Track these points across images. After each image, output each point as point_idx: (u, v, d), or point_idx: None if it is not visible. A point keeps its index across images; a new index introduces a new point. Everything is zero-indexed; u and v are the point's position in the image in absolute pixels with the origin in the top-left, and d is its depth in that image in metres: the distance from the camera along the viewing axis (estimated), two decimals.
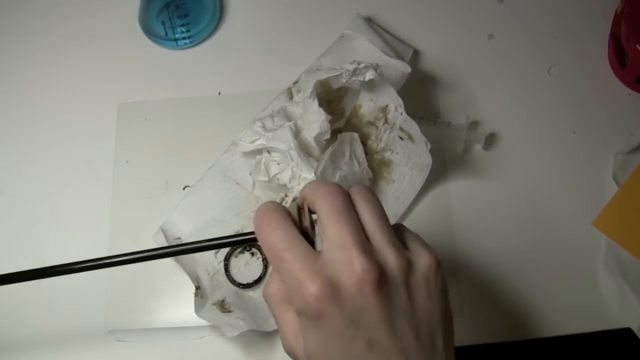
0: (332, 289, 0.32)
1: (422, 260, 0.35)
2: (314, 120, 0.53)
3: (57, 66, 0.66)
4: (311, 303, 0.32)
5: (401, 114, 0.55)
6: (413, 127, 0.54)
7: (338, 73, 0.53)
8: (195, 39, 0.65)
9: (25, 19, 0.68)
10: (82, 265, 0.42)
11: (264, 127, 0.55)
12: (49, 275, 0.43)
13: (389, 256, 0.34)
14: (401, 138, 0.56)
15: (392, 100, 0.56)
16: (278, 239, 0.34)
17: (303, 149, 0.53)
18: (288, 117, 0.56)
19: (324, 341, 0.33)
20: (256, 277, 0.55)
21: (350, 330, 0.32)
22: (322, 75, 0.53)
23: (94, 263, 0.42)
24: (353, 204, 0.36)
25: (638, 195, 0.56)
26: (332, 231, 0.34)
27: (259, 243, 0.36)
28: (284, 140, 0.53)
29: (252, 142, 0.55)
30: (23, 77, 0.66)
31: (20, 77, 0.66)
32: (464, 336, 0.53)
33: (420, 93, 0.62)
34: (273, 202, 0.36)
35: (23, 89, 0.65)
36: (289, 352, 0.36)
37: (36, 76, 0.66)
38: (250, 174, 0.57)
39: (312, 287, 0.32)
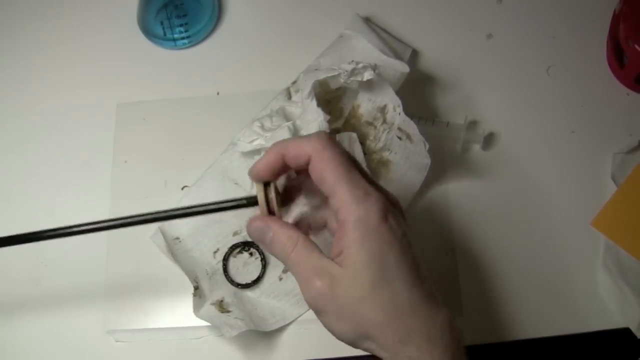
0: None
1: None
2: (313, 120, 0.53)
3: (55, 66, 0.66)
4: None
5: (399, 114, 0.55)
6: (411, 127, 0.54)
7: (336, 73, 0.53)
8: (194, 39, 0.65)
9: (23, 18, 0.68)
10: (82, 227, 0.43)
11: (262, 127, 0.55)
12: (46, 238, 0.45)
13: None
14: (399, 138, 0.56)
15: (390, 100, 0.56)
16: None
17: None
18: (287, 117, 0.56)
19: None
20: (255, 277, 0.55)
21: None
22: (321, 75, 0.53)
23: (93, 226, 0.43)
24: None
25: (637, 195, 0.56)
26: None
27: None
28: None
29: (251, 142, 0.55)
30: (22, 77, 0.66)
31: (18, 77, 0.66)
32: (463, 336, 0.53)
33: (419, 93, 0.62)
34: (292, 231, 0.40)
35: (22, 89, 0.65)
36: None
37: (34, 76, 0.65)
38: (248, 174, 0.57)
39: None
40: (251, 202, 0.42)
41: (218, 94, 0.63)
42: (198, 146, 0.61)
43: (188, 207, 0.42)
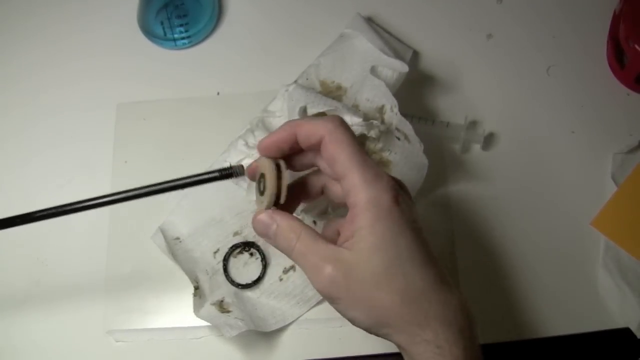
0: None
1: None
2: None
3: (56, 66, 0.66)
4: None
5: (396, 114, 0.55)
6: (407, 128, 0.54)
7: (332, 108, 0.53)
8: (194, 39, 0.65)
9: (24, 18, 0.68)
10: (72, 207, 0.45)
11: (246, 144, 0.55)
12: (42, 218, 0.46)
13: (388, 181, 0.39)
14: (398, 138, 0.56)
15: (387, 100, 0.56)
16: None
17: None
18: (268, 129, 0.56)
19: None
20: (255, 277, 0.55)
21: None
22: (320, 108, 0.53)
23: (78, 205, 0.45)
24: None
25: (636, 195, 0.56)
26: None
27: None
28: None
29: (239, 162, 0.55)
30: (22, 77, 0.66)
31: (19, 77, 0.66)
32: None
33: (420, 93, 0.62)
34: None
35: (22, 89, 0.65)
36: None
37: (35, 76, 0.65)
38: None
39: None
40: (237, 171, 0.42)
41: (218, 94, 0.63)
42: (198, 146, 0.61)
43: (177, 180, 0.43)
